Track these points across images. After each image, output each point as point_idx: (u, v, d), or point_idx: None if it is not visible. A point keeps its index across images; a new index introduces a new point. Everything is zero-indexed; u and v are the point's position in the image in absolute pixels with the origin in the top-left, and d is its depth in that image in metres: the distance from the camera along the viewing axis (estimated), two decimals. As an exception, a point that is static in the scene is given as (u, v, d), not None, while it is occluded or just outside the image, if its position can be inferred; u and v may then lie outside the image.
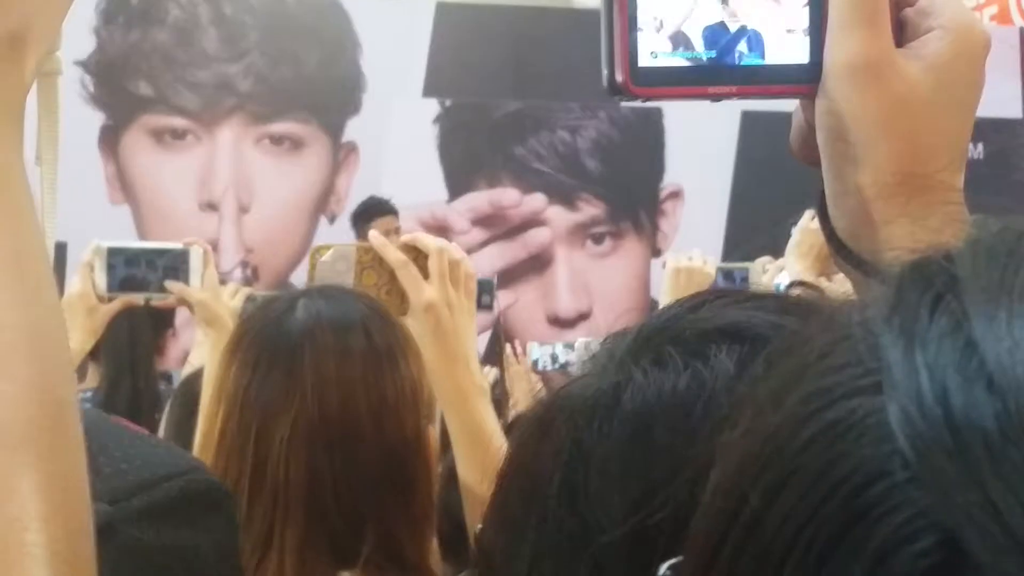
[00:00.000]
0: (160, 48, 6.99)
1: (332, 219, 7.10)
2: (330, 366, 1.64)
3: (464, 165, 7.30)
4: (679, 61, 0.81)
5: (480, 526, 0.88)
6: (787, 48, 0.82)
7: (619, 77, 0.80)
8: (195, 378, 3.18)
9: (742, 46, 0.82)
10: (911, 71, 0.79)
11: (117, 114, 6.91)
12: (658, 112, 7.47)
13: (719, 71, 0.82)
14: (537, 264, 7.26)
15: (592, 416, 0.81)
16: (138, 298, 2.96)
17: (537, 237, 7.34)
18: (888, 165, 0.78)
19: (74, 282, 2.88)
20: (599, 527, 0.77)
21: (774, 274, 3.38)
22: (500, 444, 1.80)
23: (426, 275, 1.84)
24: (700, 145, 7.45)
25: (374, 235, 1.91)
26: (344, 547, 1.59)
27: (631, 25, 0.80)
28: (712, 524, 0.48)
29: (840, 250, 0.81)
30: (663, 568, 0.65)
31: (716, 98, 0.82)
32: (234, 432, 1.64)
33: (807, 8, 0.82)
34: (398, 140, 7.24)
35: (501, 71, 7.38)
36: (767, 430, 0.47)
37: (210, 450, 1.65)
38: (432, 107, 7.33)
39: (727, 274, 3.62)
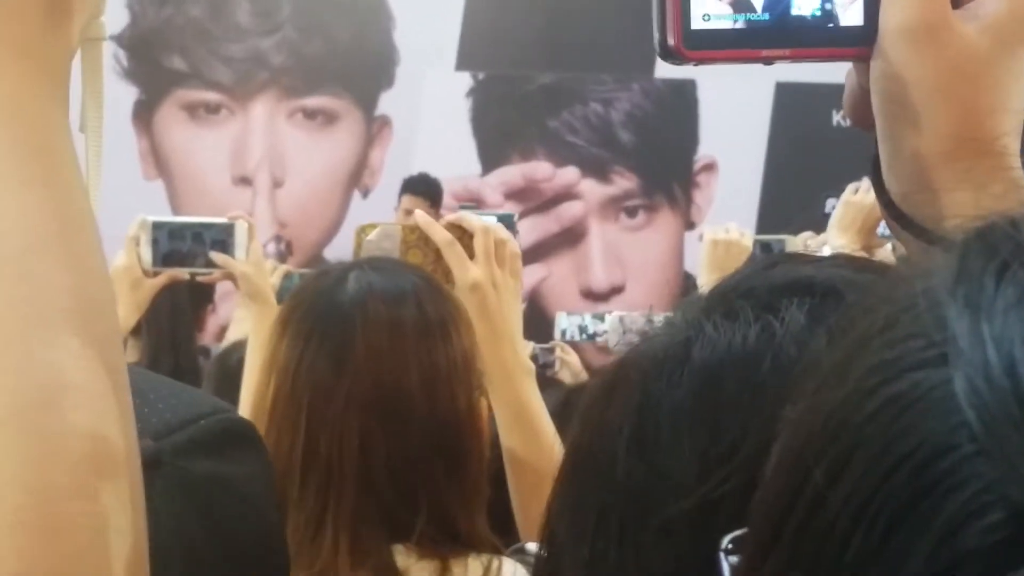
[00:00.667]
0: (193, 22, 7.00)
1: (365, 193, 7.11)
2: (382, 338, 1.63)
3: (497, 138, 7.30)
4: (732, 23, 0.79)
5: (548, 502, 0.88)
6: (841, 10, 0.81)
7: (671, 40, 0.79)
8: (230, 352, 3.19)
9: (796, 8, 0.80)
10: (968, 32, 0.77)
11: (150, 89, 6.93)
12: (692, 84, 7.45)
13: (772, 34, 0.80)
14: (570, 237, 7.24)
15: (662, 369, 0.80)
16: (183, 272, 2.97)
17: (570, 210, 7.33)
18: (946, 129, 0.76)
19: (119, 256, 2.88)
20: (668, 477, 0.76)
21: (816, 249, 3.36)
22: (546, 422, 1.81)
23: (471, 254, 1.84)
24: (734, 117, 7.42)
25: (420, 214, 1.91)
26: (397, 521, 1.59)
27: None
28: (775, 500, 0.47)
29: (897, 216, 0.79)
30: (725, 540, 0.64)
31: (769, 61, 0.81)
32: (285, 406, 1.63)
33: None
34: (431, 114, 7.23)
35: (534, 44, 7.36)
36: (831, 404, 0.46)
37: (260, 424, 1.65)
38: (465, 80, 7.32)
39: (765, 246, 3.59)
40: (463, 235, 1.85)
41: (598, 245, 7.39)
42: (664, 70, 7.37)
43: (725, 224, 3.33)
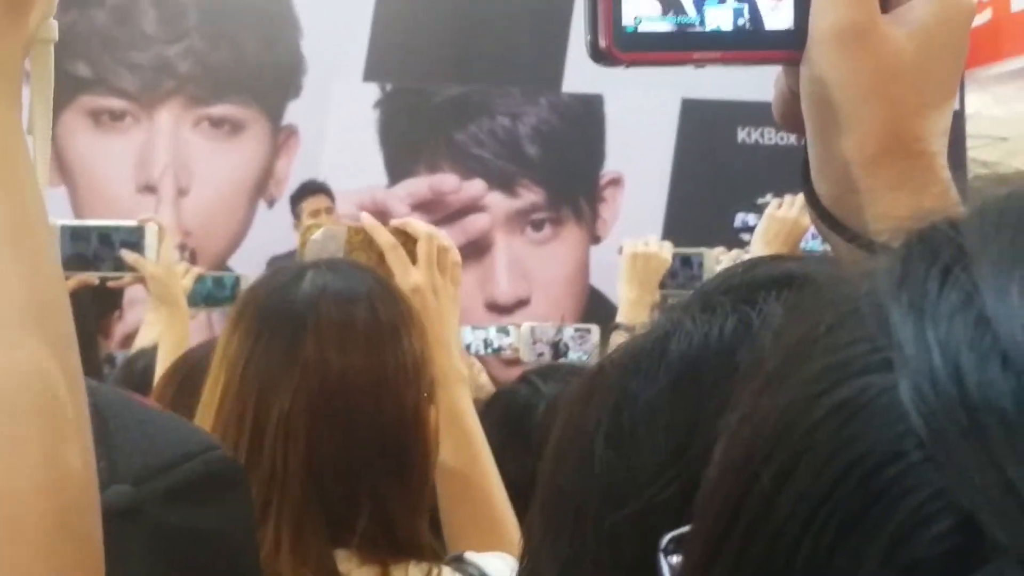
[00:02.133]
0: (98, 29, 6.93)
1: (271, 203, 7.07)
2: (332, 338, 1.63)
3: (404, 150, 7.28)
4: (663, 26, 0.80)
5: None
6: (772, 14, 0.81)
7: (602, 42, 0.79)
8: (135, 359, 3.15)
9: (728, 12, 0.81)
10: (896, 37, 0.78)
11: (55, 94, 6.83)
12: (599, 99, 7.47)
13: (703, 37, 0.80)
14: (476, 250, 7.24)
15: (639, 364, 0.80)
16: (93, 276, 2.93)
17: (476, 223, 7.33)
18: (874, 131, 0.77)
19: None
20: (644, 469, 0.77)
21: (729, 264, 3.38)
22: (477, 429, 1.82)
23: (414, 259, 1.85)
24: (640, 132, 7.46)
25: (365, 216, 1.91)
26: (340, 522, 1.58)
27: None
28: (722, 503, 0.47)
29: (827, 219, 0.79)
30: (665, 540, 0.64)
31: (700, 64, 0.81)
32: (233, 402, 1.63)
33: None
34: (338, 124, 7.21)
35: (442, 56, 7.36)
36: (777, 408, 0.46)
37: (207, 418, 1.64)
38: (373, 91, 7.30)
39: (684, 260, 3.61)
40: (407, 240, 1.86)
41: (504, 258, 7.39)
42: (572, 84, 7.40)
43: (644, 237, 3.34)
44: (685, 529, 0.55)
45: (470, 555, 1.66)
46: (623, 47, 0.79)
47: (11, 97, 0.71)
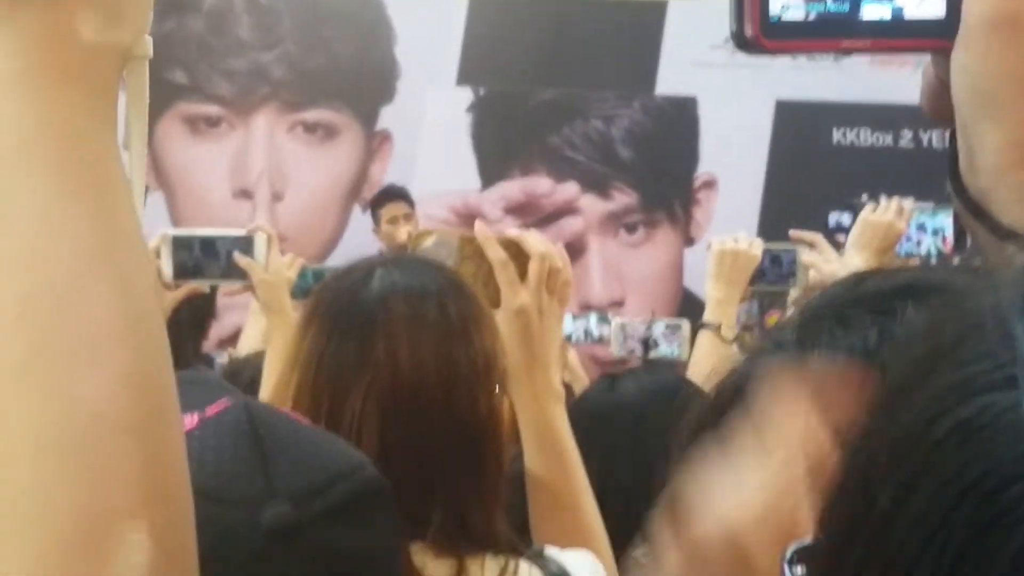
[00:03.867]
0: (195, 36, 7.00)
1: (365, 207, 7.10)
2: (401, 335, 1.63)
3: (497, 153, 7.29)
4: (810, 14, 0.78)
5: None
6: (922, 2, 0.79)
7: (749, 31, 0.77)
8: (240, 369, 3.17)
9: (880, 6, 0.79)
10: None
11: (151, 102, 6.90)
12: (693, 101, 7.44)
13: (851, 24, 0.78)
14: (570, 253, 7.19)
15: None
16: (204, 284, 2.97)
17: (570, 226, 7.33)
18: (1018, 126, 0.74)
19: None
20: None
21: (813, 259, 3.34)
22: (570, 446, 1.81)
23: (523, 274, 1.84)
24: (734, 134, 7.42)
25: (480, 227, 1.90)
26: (415, 516, 1.58)
27: None
28: (839, 524, 0.46)
29: (974, 211, 0.76)
30: (790, 550, 0.63)
31: (847, 52, 0.79)
32: (307, 401, 1.63)
33: None
34: (432, 128, 7.23)
35: (535, 59, 7.36)
36: (898, 426, 0.45)
37: None
38: (466, 95, 7.32)
39: (774, 257, 3.54)
40: (520, 254, 1.85)
41: (597, 260, 7.38)
42: (665, 87, 7.38)
43: (733, 234, 3.30)
44: (809, 541, 0.54)
45: (551, 550, 1.65)
46: (770, 35, 0.78)
47: (107, 115, 0.71)
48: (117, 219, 0.69)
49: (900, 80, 5.89)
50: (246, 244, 2.95)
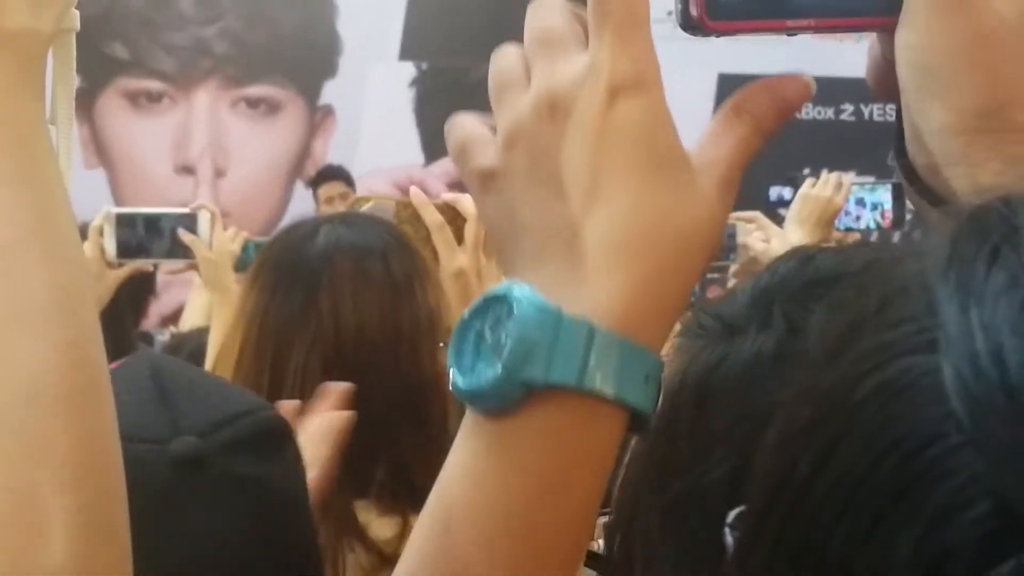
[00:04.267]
0: (136, 10, 6.95)
1: (308, 183, 7.09)
2: (346, 291, 1.63)
3: (441, 129, 7.19)
4: None
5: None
6: None
7: (694, 11, 0.76)
8: (182, 343, 3.17)
9: None
10: (995, 3, 0.74)
11: (92, 77, 6.87)
12: (635, 75, 7.44)
13: (795, 4, 0.78)
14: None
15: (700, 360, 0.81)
16: (147, 262, 2.96)
17: (514, 201, 7.33)
18: (975, 99, 0.73)
19: (83, 247, 2.86)
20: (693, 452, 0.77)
21: (763, 239, 3.37)
22: None
23: (462, 238, 1.84)
24: (678, 107, 7.36)
25: (415, 192, 1.90)
26: (358, 474, 1.58)
27: None
28: (764, 484, 0.47)
29: (922, 191, 0.76)
30: (731, 515, 0.64)
31: (793, 32, 0.78)
32: (251, 356, 1.63)
33: None
34: (375, 103, 7.21)
35: (478, 34, 7.35)
36: (820, 389, 0.45)
37: (226, 372, 1.64)
38: (409, 70, 7.30)
39: None
40: (456, 217, 1.85)
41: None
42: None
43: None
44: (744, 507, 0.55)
45: None
46: (715, 15, 0.77)
47: (33, 88, 0.71)
48: (45, 196, 0.69)
49: (841, 53, 5.91)
50: (190, 222, 2.94)
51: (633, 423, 0.68)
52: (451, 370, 0.69)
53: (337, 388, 1.52)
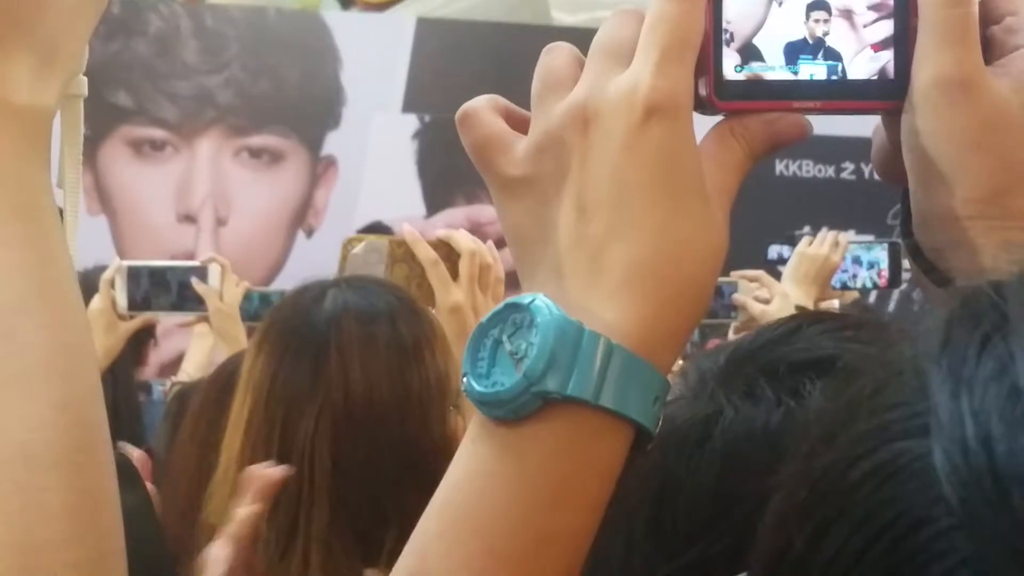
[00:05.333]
0: (140, 59, 6.97)
1: (309, 233, 7.09)
2: (355, 356, 1.62)
3: (442, 181, 7.30)
4: (762, 75, 0.79)
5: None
6: (871, 63, 0.80)
7: (703, 91, 0.78)
8: (189, 392, 3.18)
9: (821, 61, 0.80)
10: (1000, 89, 0.75)
11: (96, 124, 6.89)
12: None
13: (802, 85, 0.80)
14: (514, 281, 7.24)
15: (683, 448, 0.81)
16: (158, 315, 2.98)
17: (514, 254, 7.33)
18: (979, 185, 0.74)
19: (94, 299, 2.87)
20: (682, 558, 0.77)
21: (763, 298, 3.37)
22: None
23: (455, 275, 1.84)
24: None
25: (408, 229, 1.90)
26: (368, 540, 1.57)
27: (716, 35, 0.78)
28: (762, 562, 0.48)
29: (930, 272, 0.77)
30: None
31: (799, 112, 0.80)
32: (260, 423, 1.63)
33: (889, 22, 0.80)
34: (377, 155, 7.22)
35: (481, 87, 7.31)
36: (818, 469, 0.46)
37: (235, 440, 1.64)
38: (412, 122, 7.32)
39: (716, 289, 3.59)
40: (450, 253, 1.85)
41: (541, 289, 7.38)
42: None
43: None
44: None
45: None
46: (723, 96, 0.78)
47: (39, 156, 0.72)
48: (50, 261, 0.70)
49: (842, 113, 5.93)
50: (201, 275, 2.97)
51: (636, 442, 0.70)
52: (465, 375, 0.70)
53: (262, 476, 1.51)
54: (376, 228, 6.16)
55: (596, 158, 0.72)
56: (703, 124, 0.79)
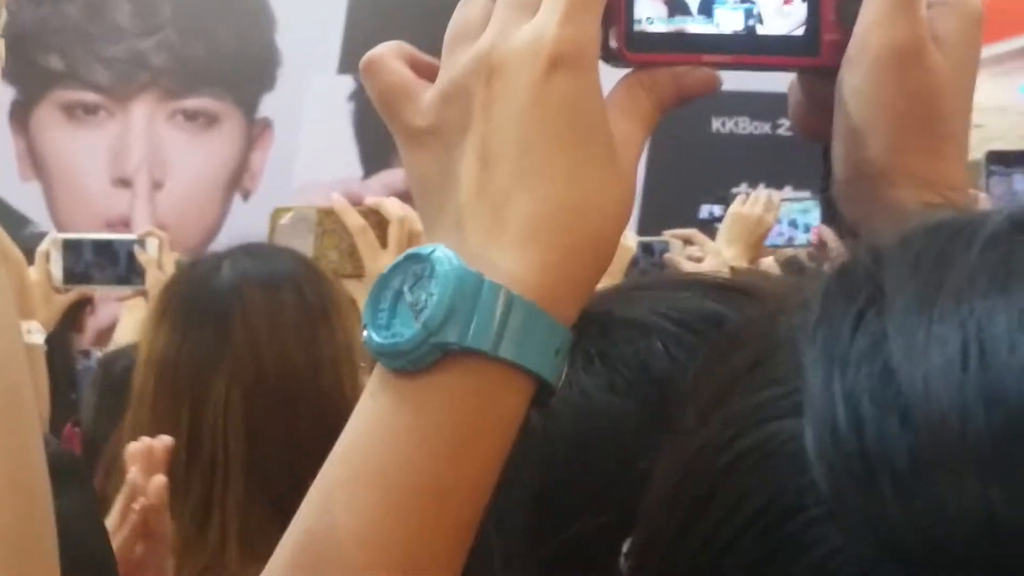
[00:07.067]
0: (72, 22, 6.90)
1: (246, 196, 7.05)
2: (261, 323, 1.61)
3: (380, 142, 7.27)
4: (674, 27, 0.78)
5: None
6: (781, 19, 0.79)
7: (613, 43, 0.77)
8: (115, 358, 3.16)
9: (737, 15, 0.79)
10: (938, 56, 0.76)
11: (28, 89, 6.82)
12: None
13: (714, 39, 0.79)
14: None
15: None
16: (94, 289, 2.96)
17: (453, 214, 7.32)
18: (911, 145, 0.75)
19: (30, 271, 2.86)
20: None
21: (696, 257, 3.39)
22: None
23: (385, 242, 1.82)
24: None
25: (336, 198, 1.89)
26: (285, 507, 1.57)
27: None
28: (642, 540, 0.47)
29: (847, 233, 0.77)
30: (626, 544, 0.65)
31: (709, 66, 0.79)
32: (168, 398, 1.61)
33: None
34: (313, 117, 7.19)
35: (417, 47, 7.34)
36: (690, 451, 0.46)
37: (142, 420, 1.62)
38: (348, 83, 7.29)
39: (646, 246, 3.62)
40: (380, 221, 1.83)
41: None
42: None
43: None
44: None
45: None
46: (634, 48, 0.78)
47: None
48: None
49: (778, 69, 5.95)
50: (139, 248, 2.95)
51: (538, 395, 0.69)
52: (365, 326, 0.70)
53: (146, 448, 1.49)
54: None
55: (500, 109, 0.71)
56: (610, 76, 0.78)
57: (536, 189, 0.70)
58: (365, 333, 0.70)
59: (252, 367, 1.59)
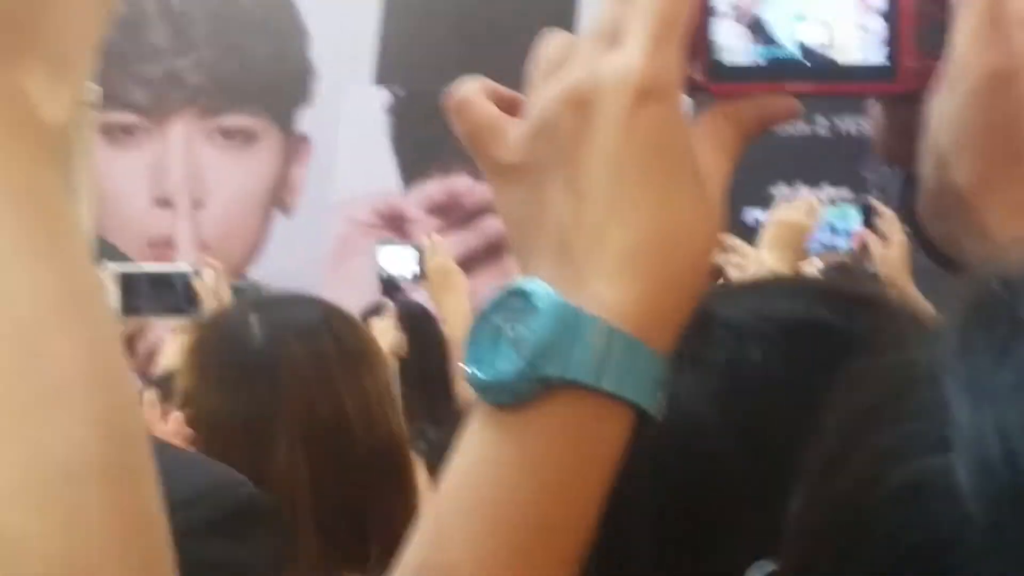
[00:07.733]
0: (107, 44, 6.92)
1: (287, 211, 7.08)
2: (310, 374, 1.61)
3: (418, 153, 7.28)
4: (756, 56, 0.78)
5: None
6: (860, 47, 0.79)
7: (696, 75, 0.76)
8: (167, 380, 3.18)
9: (817, 44, 0.78)
10: None
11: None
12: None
13: (794, 66, 0.78)
14: (493, 251, 7.24)
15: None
16: (150, 320, 2.98)
17: (493, 224, 7.33)
18: (1009, 173, 0.74)
19: None
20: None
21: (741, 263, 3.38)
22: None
23: None
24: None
25: None
26: (351, 556, 1.57)
27: (708, 15, 0.77)
28: (793, 563, 0.47)
29: (938, 259, 0.77)
30: (753, 569, 0.65)
31: (792, 95, 0.78)
32: (220, 458, 1.61)
33: (883, 5, 0.78)
34: (350, 130, 7.21)
35: (452, 57, 7.36)
36: (835, 490, 0.45)
37: None
38: (384, 96, 7.31)
39: None
40: None
41: (521, 257, 7.38)
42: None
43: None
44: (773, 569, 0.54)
45: None
46: (716, 79, 0.77)
47: (60, 170, 0.70)
48: (75, 274, 0.68)
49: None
50: (196, 278, 2.97)
51: (639, 426, 0.70)
52: (466, 363, 0.70)
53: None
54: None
55: (590, 142, 0.71)
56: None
57: (630, 221, 0.70)
58: (467, 369, 0.71)
59: (307, 419, 1.59)
